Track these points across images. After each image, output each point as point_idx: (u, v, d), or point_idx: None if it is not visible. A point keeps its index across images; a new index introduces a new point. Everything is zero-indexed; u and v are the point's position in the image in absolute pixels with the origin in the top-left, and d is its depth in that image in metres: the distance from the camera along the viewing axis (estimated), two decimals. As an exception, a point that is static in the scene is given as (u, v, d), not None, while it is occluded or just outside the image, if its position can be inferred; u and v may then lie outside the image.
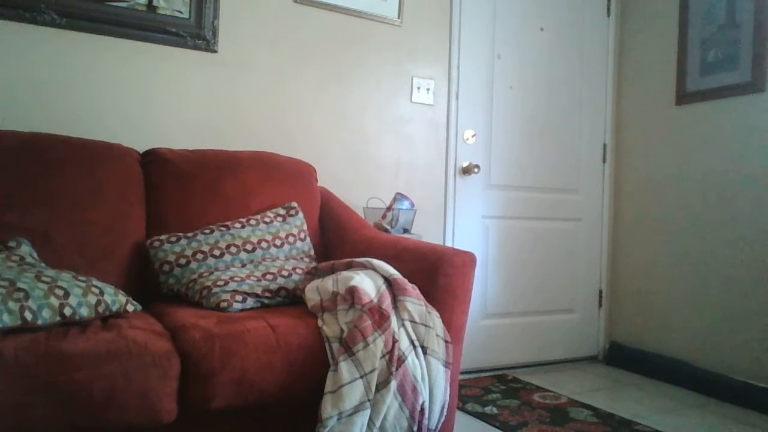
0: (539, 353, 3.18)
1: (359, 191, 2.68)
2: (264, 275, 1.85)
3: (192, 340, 1.46)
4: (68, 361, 1.30)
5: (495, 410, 2.42)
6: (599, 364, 3.22)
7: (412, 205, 2.59)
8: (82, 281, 1.53)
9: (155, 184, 2.07)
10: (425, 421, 1.62)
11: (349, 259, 1.87)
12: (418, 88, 2.88)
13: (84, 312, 1.48)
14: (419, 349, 1.68)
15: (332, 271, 1.84)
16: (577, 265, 3.28)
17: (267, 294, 1.80)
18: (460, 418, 2.32)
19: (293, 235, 2.12)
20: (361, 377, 1.53)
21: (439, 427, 1.67)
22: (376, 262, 1.81)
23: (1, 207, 1.76)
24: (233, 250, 1.94)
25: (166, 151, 2.15)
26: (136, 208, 2.01)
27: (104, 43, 2.21)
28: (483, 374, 2.97)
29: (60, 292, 1.45)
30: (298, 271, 1.92)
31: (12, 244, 1.68)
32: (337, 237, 2.27)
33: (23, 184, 1.82)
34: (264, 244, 2.01)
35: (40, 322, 1.38)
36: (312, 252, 2.17)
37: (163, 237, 1.95)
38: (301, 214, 2.19)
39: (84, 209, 1.88)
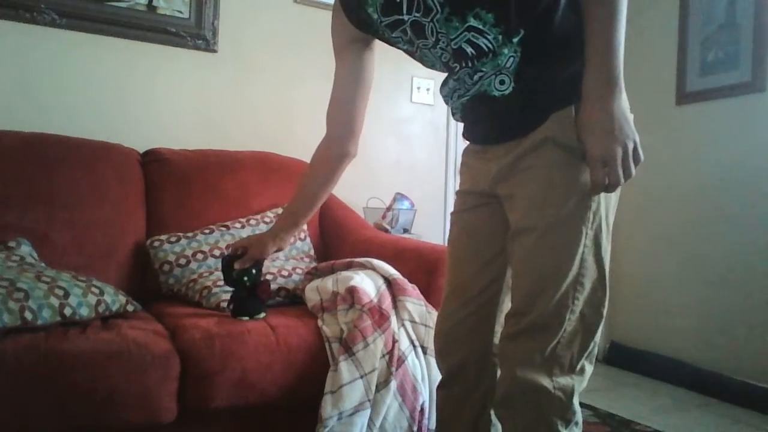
0: (539, 353, 3.17)
1: (359, 191, 2.68)
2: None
3: (192, 340, 1.46)
4: (68, 361, 1.30)
5: (495, 410, 2.42)
6: (599, 364, 3.22)
7: (412, 205, 2.59)
8: (82, 281, 1.53)
9: (155, 184, 2.07)
10: (425, 421, 1.62)
11: (349, 259, 1.87)
12: (418, 88, 2.88)
13: (84, 312, 1.48)
14: (419, 349, 1.68)
15: (332, 271, 1.84)
16: (577, 265, 3.28)
17: (267, 294, 1.80)
18: (460, 418, 2.32)
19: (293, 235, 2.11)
20: (361, 377, 1.53)
21: (439, 427, 1.67)
22: (376, 262, 1.81)
23: (1, 207, 1.76)
24: (233, 250, 1.94)
25: (166, 151, 2.15)
26: (136, 208, 2.01)
27: (104, 43, 2.21)
28: (483, 374, 2.96)
29: (60, 292, 1.45)
30: (298, 271, 1.92)
31: (12, 244, 1.68)
32: (337, 237, 2.27)
33: (23, 184, 1.82)
34: (264, 244, 2.01)
35: (40, 322, 1.38)
36: (312, 252, 2.17)
37: (163, 237, 1.94)
38: (301, 214, 2.19)
39: (84, 209, 1.88)
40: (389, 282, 1.76)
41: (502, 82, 1.02)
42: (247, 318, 1.59)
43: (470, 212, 1.18)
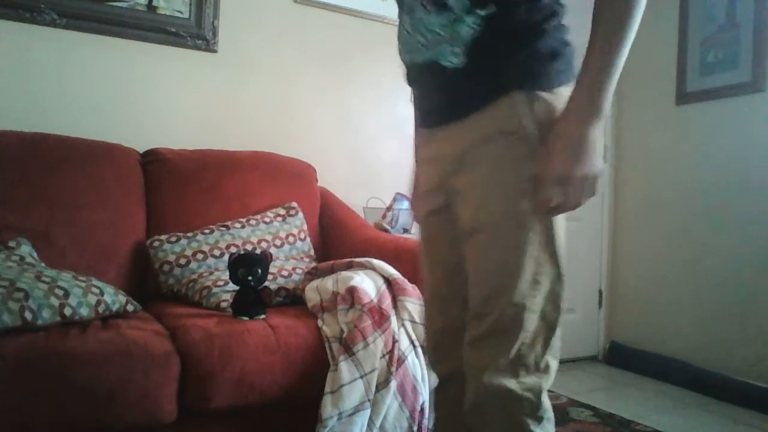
0: (539, 353, 3.17)
1: (359, 191, 2.68)
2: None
3: (192, 340, 1.46)
4: (68, 361, 1.31)
5: (495, 410, 2.41)
6: (599, 364, 3.22)
7: (412, 205, 2.58)
8: (82, 281, 1.53)
9: (155, 184, 2.07)
10: (425, 421, 1.62)
11: (349, 259, 1.87)
12: (418, 88, 2.88)
13: (84, 312, 1.48)
14: (419, 349, 1.68)
15: (332, 271, 1.84)
16: (577, 265, 3.27)
17: (267, 294, 1.80)
18: (460, 418, 2.32)
19: (293, 235, 2.12)
20: (361, 377, 1.53)
21: (439, 427, 1.67)
22: (376, 262, 1.81)
23: (2, 207, 1.76)
24: (233, 250, 1.94)
25: (166, 151, 2.15)
26: (136, 208, 2.01)
27: (104, 43, 2.21)
28: (483, 374, 2.96)
29: (60, 292, 1.45)
30: (298, 271, 1.92)
31: (12, 244, 1.68)
32: (337, 237, 2.27)
33: (23, 184, 1.82)
34: (264, 244, 2.01)
35: (40, 322, 1.38)
36: (312, 252, 2.17)
37: (163, 237, 1.94)
38: (301, 214, 2.19)
39: (84, 209, 1.88)
40: (389, 282, 1.76)
41: (454, 54, 1.00)
42: (247, 318, 1.60)
43: (432, 216, 1.15)
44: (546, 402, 1.01)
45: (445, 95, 1.06)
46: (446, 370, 1.17)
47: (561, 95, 0.99)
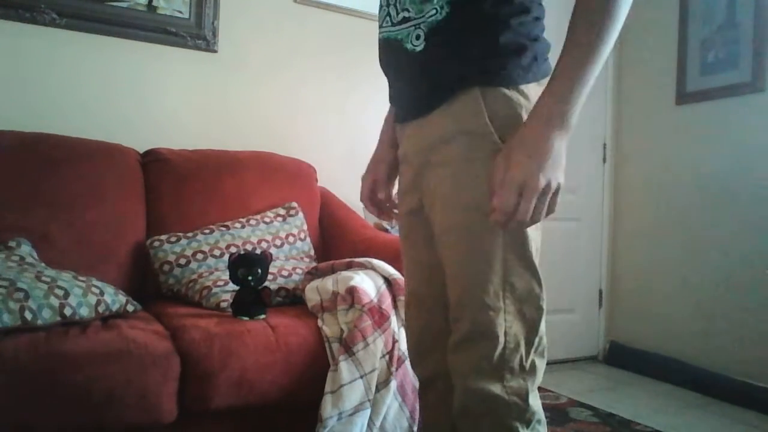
0: (539, 353, 3.17)
1: (359, 191, 2.67)
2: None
3: (192, 340, 1.47)
4: (68, 361, 1.31)
5: (495, 410, 2.41)
6: (599, 364, 3.22)
7: (412, 205, 2.58)
8: (82, 281, 1.53)
9: (155, 184, 2.07)
10: (425, 421, 1.62)
11: (349, 259, 1.87)
12: (418, 88, 2.88)
13: (84, 312, 1.48)
14: (419, 349, 1.68)
15: (332, 271, 1.84)
16: (577, 265, 3.28)
17: (267, 294, 1.80)
18: (460, 418, 2.32)
19: (293, 235, 2.12)
20: (361, 377, 1.53)
21: (439, 427, 1.67)
22: (376, 262, 1.81)
23: (1, 207, 1.76)
24: (233, 250, 1.94)
25: (166, 151, 2.15)
26: (136, 208, 2.01)
27: (104, 43, 2.21)
28: (483, 374, 2.96)
29: (60, 292, 1.45)
30: (298, 271, 1.92)
31: (12, 244, 1.68)
32: (337, 237, 2.27)
33: (23, 184, 1.82)
34: (264, 244, 2.01)
35: (40, 322, 1.38)
36: (312, 252, 2.17)
37: (163, 237, 1.94)
38: (301, 214, 2.19)
39: (84, 209, 1.88)
40: (389, 282, 1.76)
41: (417, 37, 0.98)
42: (247, 318, 1.60)
43: (410, 216, 1.13)
44: (534, 404, 0.99)
45: (407, 86, 1.05)
46: (427, 372, 1.15)
47: (527, 93, 0.96)
